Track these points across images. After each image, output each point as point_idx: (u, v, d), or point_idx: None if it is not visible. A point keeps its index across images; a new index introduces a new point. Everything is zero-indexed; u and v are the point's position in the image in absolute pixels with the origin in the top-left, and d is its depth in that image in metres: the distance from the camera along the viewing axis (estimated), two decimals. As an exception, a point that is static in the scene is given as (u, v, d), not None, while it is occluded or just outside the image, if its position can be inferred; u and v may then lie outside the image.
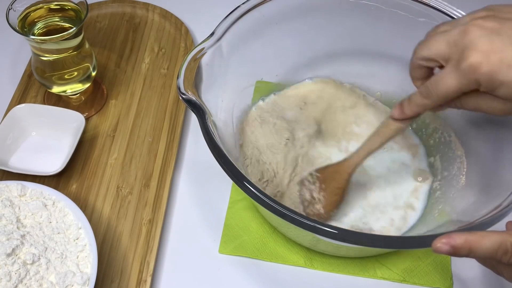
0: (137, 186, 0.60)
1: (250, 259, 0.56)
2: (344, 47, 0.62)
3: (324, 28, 0.60)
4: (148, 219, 0.57)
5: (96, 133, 0.64)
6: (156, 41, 0.74)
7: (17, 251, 0.48)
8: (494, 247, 0.37)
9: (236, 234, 0.57)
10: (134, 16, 0.76)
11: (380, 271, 0.55)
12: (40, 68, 0.60)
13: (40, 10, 0.59)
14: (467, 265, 0.55)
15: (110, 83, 0.69)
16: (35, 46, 0.57)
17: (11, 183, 0.53)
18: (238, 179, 0.43)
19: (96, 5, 0.76)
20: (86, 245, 0.50)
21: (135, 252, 0.55)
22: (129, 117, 0.66)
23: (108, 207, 0.58)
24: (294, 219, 0.41)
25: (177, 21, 0.76)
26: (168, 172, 0.61)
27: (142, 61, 0.71)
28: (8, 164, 0.60)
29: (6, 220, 0.50)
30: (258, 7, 0.55)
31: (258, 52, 0.58)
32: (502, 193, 0.45)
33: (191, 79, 0.49)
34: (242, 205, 0.59)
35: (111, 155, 0.62)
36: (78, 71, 0.61)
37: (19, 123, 0.61)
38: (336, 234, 0.41)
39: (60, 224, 0.51)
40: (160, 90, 0.68)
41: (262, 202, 0.42)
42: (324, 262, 0.55)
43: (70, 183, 0.60)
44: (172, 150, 0.63)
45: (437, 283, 0.54)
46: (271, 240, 0.57)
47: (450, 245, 0.37)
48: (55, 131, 0.62)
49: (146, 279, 0.53)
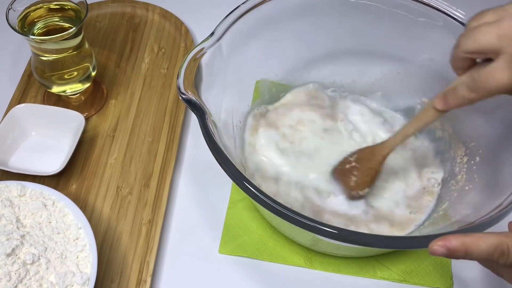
0: (137, 186, 0.60)
1: (250, 259, 0.56)
2: (344, 47, 0.62)
3: (324, 28, 0.60)
4: (148, 219, 0.57)
5: (96, 133, 0.64)
6: (156, 41, 0.74)
7: (17, 251, 0.48)
8: (490, 249, 0.37)
9: (236, 234, 0.57)
10: (134, 16, 0.76)
11: (380, 271, 0.55)
12: (40, 68, 0.60)
13: (40, 10, 0.59)
14: (468, 265, 0.54)
15: (110, 83, 0.69)
16: (35, 46, 0.57)
17: (11, 183, 0.53)
18: (238, 179, 0.43)
19: (96, 5, 0.76)
20: (86, 245, 0.50)
21: (135, 252, 0.55)
22: (129, 117, 0.66)
23: (108, 207, 0.58)
24: (294, 219, 0.41)
25: (177, 21, 0.76)
26: (168, 172, 0.61)
27: (142, 61, 0.71)
28: (8, 164, 0.60)
29: (6, 220, 0.50)
30: (258, 7, 0.55)
31: (258, 52, 0.58)
32: (502, 193, 0.45)
33: (191, 79, 0.49)
34: (242, 205, 0.59)
35: (111, 155, 0.62)
36: (78, 71, 0.61)
37: (19, 123, 0.61)
38: (336, 234, 0.41)
39: (60, 224, 0.51)
40: (160, 90, 0.68)
41: (262, 202, 0.42)
42: (324, 262, 0.55)
43: (70, 183, 0.60)
44: (172, 150, 0.63)
45: (437, 283, 0.54)
46: (271, 240, 0.57)
47: (446, 248, 0.37)
48: (55, 131, 0.62)
49: (146, 279, 0.53)
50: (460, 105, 0.45)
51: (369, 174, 0.55)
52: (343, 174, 0.57)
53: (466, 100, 0.44)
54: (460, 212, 0.50)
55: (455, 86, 0.45)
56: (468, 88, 0.43)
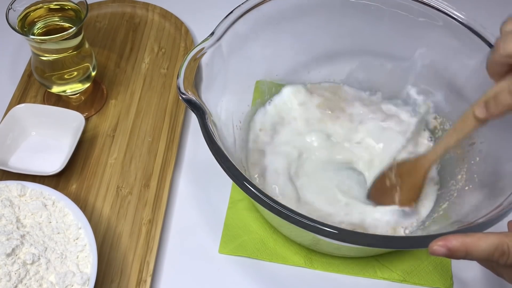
0: (137, 186, 0.60)
1: (250, 259, 0.56)
2: (344, 47, 0.62)
3: (324, 28, 0.60)
4: (148, 219, 0.57)
5: (96, 133, 0.64)
6: (156, 41, 0.74)
7: (17, 251, 0.48)
8: (490, 249, 0.37)
9: (236, 234, 0.57)
10: (134, 16, 0.76)
11: (380, 271, 0.55)
12: (40, 68, 0.60)
13: (40, 10, 0.59)
14: (468, 265, 0.54)
15: (110, 83, 0.69)
16: (35, 46, 0.57)
17: (11, 183, 0.53)
18: (238, 179, 0.43)
19: (96, 5, 0.76)
20: (86, 245, 0.50)
21: (135, 252, 0.55)
22: (129, 117, 0.66)
23: (108, 207, 0.58)
24: (294, 219, 0.41)
25: (177, 21, 0.76)
26: (168, 172, 0.61)
27: (142, 61, 0.71)
28: (8, 164, 0.60)
29: (6, 220, 0.50)
30: (258, 7, 0.55)
31: (258, 52, 0.58)
32: (502, 193, 0.45)
33: (191, 79, 0.49)
34: (242, 205, 0.59)
35: (111, 155, 0.62)
36: (78, 71, 0.61)
37: (19, 123, 0.61)
38: (336, 234, 0.41)
39: (60, 224, 0.51)
40: (160, 90, 0.68)
41: (262, 202, 0.42)
42: (324, 262, 0.55)
43: (70, 183, 0.60)
44: (172, 150, 0.63)
45: (437, 283, 0.54)
46: (271, 240, 0.57)
47: (446, 248, 0.37)
48: (55, 131, 0.62)
49: (146, 279, 0.53)
50: (504, 113, 0.44)
51: (412, 189, 0.54)
52: (383, 193, 0.55)
53: (509, 107, 0.43)
54: (460, 212, 0.50)
55: (496, 94, 0.43)
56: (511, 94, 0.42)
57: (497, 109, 0.43)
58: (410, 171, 0.54)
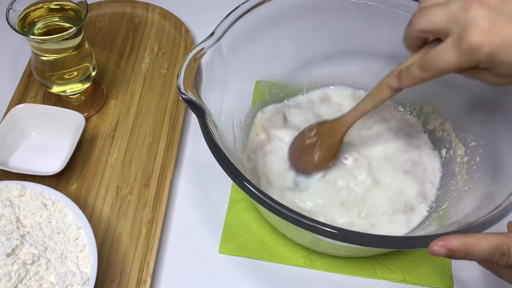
0: (137, 186, 0.60)
1: (250, 259, 0.56)
2: (344, 47, 0.62)
3: (324, 28, 0.60)
4: (148, 219, 0.57)
5: (96, 133, 0.64)
6: (156, 41, 0.74)
7: (17, 251, 0.48)
8: (491, 250, 0.37)
9: (236, 234, 0.57)
10: (134, 16, 0.76)
11: (380, 271, 0.55)
12: (40, 68, 0.60)
13: (40, 10, 0.59)
14: (468, 265, 0.54)
15: (110, 83, 0.69)
16: (35, 46, 0.57)
17: (11, 183, 0.53)
18: (238, 179, 0.43)
19: (96, 5, 0.76)
20: (86, 245, 0.50)
21: (135, 252, 0.55)
22: (129, 117, 0.66)
23: (108, 207, 0.58)
24: (294, 219, 0.41)
25: (177, 21, 0.76)
26: (168, 172, 0.61)
27: (142, 61, 0.71)
28: (8, 164, 0.60)
29: (6, 220, 0.50)
30: (258, 7, 0.55)
31: (258, 52, 0.58)
32: (502, 193, 0.45)
33: (191, 79, 0.49)
34: (242, 205, 0.59)
35: (111, 155, 0.62)
36: (78, 71, 0.61)
37: (19, 123, 0.61)
38: (336, 234, 0.41)
39: (60, 224, 0.51)
40: (160, 90, 0.68)
41: (262, 202, 0.42)
42: (324, 262, 0.55)
43: (70, 183, 0.60)
44: (172, 150, 0.63)
45: (437, 283, 0.54)
46: (271, 240, 0.57)
47: (446, 248, 0.37)
48: (55, 131, 0.62)
49: (146, 279, 0.53)
50: (414, 84, 0.45)
51: (331, 149, 0.56)
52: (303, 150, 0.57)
53: (418, 79, 0.44)
54: (460, 212, 0.50)
55: (408, 65, 0.45)
56: (420, 67, 0.43)
57: (407, 80, 0.45)
58: (329, 131, 0.56)
